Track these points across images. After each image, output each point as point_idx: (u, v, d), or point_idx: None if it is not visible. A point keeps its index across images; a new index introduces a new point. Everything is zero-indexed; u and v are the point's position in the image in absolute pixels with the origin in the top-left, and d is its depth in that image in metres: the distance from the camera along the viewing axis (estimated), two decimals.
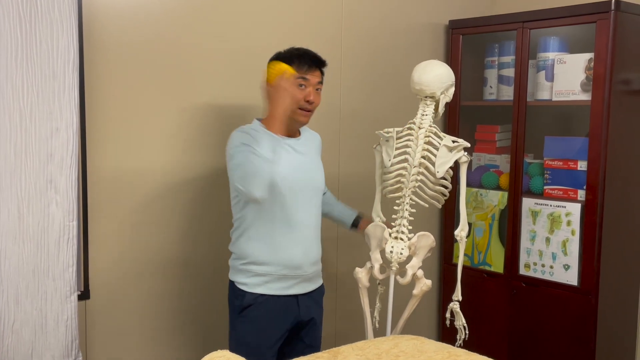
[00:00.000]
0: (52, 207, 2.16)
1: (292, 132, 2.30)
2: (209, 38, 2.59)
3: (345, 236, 3.06)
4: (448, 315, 2.61)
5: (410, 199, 2.44)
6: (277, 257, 2.23)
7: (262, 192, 2.07)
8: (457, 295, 2.54)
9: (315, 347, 2.38)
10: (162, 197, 2.54)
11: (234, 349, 2.25)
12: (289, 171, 2.21)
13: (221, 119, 2.66)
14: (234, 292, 2.29)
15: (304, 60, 2.24)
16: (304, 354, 2.15)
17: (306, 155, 2.31)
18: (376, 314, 2.63)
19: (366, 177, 2.86)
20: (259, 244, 2.23)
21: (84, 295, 2.36)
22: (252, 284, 2.25)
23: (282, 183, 2.19)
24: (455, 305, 2.55)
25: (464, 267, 2.58)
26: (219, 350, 1.80)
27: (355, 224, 2.59)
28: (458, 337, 2.57)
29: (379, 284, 2.59)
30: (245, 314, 2.25)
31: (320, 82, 2.29)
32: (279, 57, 2.27)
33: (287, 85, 2.16)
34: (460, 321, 2.56)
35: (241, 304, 2.25)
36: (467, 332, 2.57)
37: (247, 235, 2.25)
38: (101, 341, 2.44)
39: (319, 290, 2.41)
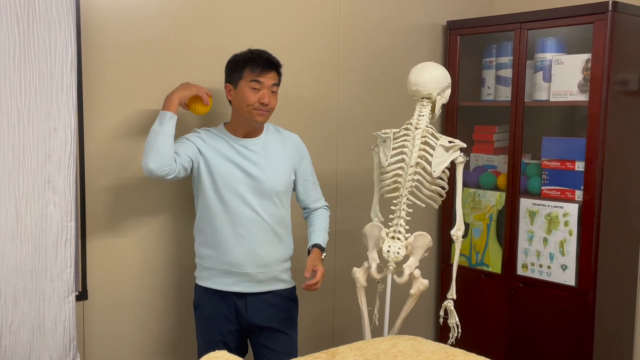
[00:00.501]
0: (50, 208, 2.16)
1: (251, 132, 2.34)
2: (207, 38, 2.59)
3: (342, 235, 3.06)
4: (442, 313, 2.62)
5: (407, 198, 2.45)
6: (217, 252, 2.30)
7: (154, 163, 2.15)
8: (452, 293, 2.55)
9: (288, 354, 2.32)
10: (160, 198, 2.54)
11: (198, 345, 2.41)
12: (226, 167, 2.27)
13: (218, 120, 2.66)
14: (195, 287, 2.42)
15: (257, 63, 2.26)
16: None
17: (260, 155, 2.32)
18: (376, 311, 2.64)
19: (364, 177, 2.87)
20: (203, 239, 2.33)
21: (81, 295, 2.36)
22: (200, 277, 2.37)
23: (220, 179, 2.26)
24: (449, 304, 2.56)
25: (462, 268, 2.59)
26: (217, 351, 1.81)
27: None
28: (450, 336, 2.58)
29: (378, 282, 2.60)
30: (198, 308, 2.39)
31: (276, 84, 2.30)
32: (236, 58, 2.31)
33: (188, 88, 2.30)
34: (454, 319, 2.57)
35: (194, 297, 2.40)
36: (459, 330, 2.58)
37: (197, 230, 2.37)
38: (99, 342, 2.44)
39: (277, 295, 2.37)
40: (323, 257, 2.38)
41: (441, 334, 3.32)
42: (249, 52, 2.30)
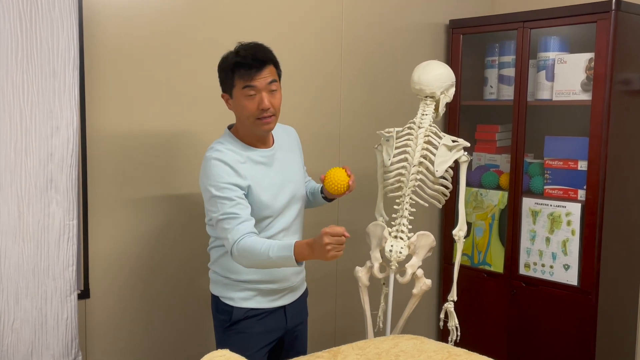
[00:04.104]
0: (52, 206, 2.16)
1: (263, 141, 2.15)
2: (209, 36, 2.59)
3: None
4: (442, 315, 2.61)
5: (410, 198, 2.44)
6: (265, 273, 2.14)
7: (249, 267, 2.05)
8: (453, 295, 2.54)
9: (303, 352, 2.30)
10: (162, 196, 2.54)
11: None
12: (269, 194, 2.10)
13: (221, 118, 2.66)
14: (219, 307, 2.20)
15: (244, 66, 2.00)
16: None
17: (282, 162, 2.18)
18: (381, 313, 2.63)
19: (367, 176, 2.86)
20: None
21: (83, 294, 2.36)
22: (239, 298, 2.15)
23: (262, 207, 2.09)
24: (449, 306, 2.55)
25: (464, 267, 2.58)
26: (219, 350, 1.81)
27: (322, 191, 2.34)
28: (450, 339, 2.56)
29: (383, 283, 2.59)
30: (235, 327, 2.17)
31: (274, 80, 2.05)
32: (223, 64, 2.08)
33: (330, 246, 1.91)
34: (454, 322, 2.55)
35: (229, 318, 2.16)
36: (459, 333, 2.57)
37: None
38: (101, 340, 2.44)
39: (304, 296, 2.34)
40: None
41: (443, 334, 3.31)
42: (234, 54, 2.05)
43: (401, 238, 2.44)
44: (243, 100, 2.03)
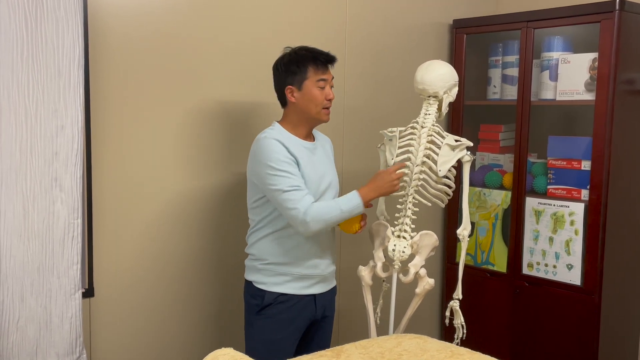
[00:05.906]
0: (57, 205, 2.17)
1: (309, 136, 2.36)
2: (214, 35, 2.60)
3: (348, 234, 3.06)
4: (447, 313, 2.62)
5: (413, 197, 2.45)
6: (298, 258, 2.28)
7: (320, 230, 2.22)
8: (458, 294, 2.55)
9: (326, 347, 2.39)
10: (167, 194, 2.55)
11: (251, 346, 2.32)
12: (314, 175, 2.26)
13: (226, 117, 2.67)
14: (252, 291, 2.32)
15: (320, 60, 2.26)
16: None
17: (321, 156, 2.37)
18: (378, 310, 2.65)
19: (369, 176, 2.87)
20: (281, 245, 2.27)
21: (88, 292, 2.37)
22: (271, 283, 2.29)
23: (309, 184, 2.24)
24: (455, 304, 2.56)
25: (467, 267, 2.59)
26: (222, 348, 1.82)
27: None
28: (456, 336, 2.58)
29: (383, 281, 2.60)
30: (265, 312, 2.28)
31: (333, 77, 2.33)
32: (293, 59, 2.26)
33: (394, 181, 2.31)
34: (459, 320, 2.56)
35: (261, 303, 2.28)
36: (464, 331, 2.58)
37: (269, 236, 2.28)
38: (105, 339, 2.45)
39: (334, 290, 2.45)
40: None
41: (446, 333, 3.32)
42: (306, 51, 2.27)
43: (404, 237, 2.44)
44: (315, 90, 2.26)
